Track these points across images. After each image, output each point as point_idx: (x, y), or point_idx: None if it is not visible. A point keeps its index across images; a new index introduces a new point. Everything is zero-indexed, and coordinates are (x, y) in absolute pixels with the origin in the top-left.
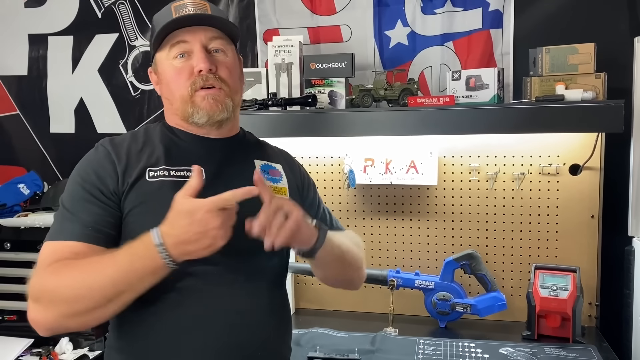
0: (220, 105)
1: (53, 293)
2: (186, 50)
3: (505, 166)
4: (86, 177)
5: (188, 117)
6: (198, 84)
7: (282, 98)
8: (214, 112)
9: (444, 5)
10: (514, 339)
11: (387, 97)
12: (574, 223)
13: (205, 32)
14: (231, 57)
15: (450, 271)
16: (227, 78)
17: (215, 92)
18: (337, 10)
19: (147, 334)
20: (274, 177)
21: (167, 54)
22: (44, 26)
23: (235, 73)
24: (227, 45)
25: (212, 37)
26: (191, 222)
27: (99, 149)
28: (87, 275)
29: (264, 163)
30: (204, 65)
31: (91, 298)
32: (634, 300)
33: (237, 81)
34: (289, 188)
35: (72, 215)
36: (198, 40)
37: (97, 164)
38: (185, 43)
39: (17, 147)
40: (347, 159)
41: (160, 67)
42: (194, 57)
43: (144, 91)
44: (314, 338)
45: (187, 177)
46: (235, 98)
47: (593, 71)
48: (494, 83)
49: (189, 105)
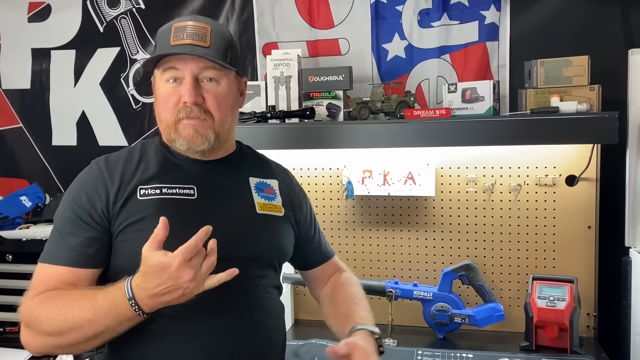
0: (201, 137)
1: (39, 325)
2: (177, 77)
3: (502, 177)
4: (77, 199)
5: (170, 141)
6: (182, 114)
7: (280, 111)
8: (193, 142)
9: (441, 18)
10: (512, 350)
11: (384, 109)
12: (571, 234)
13: (197, 62)
14: (224, 86)
15: (448, 282)
16: (213, 110)
17: (198, 122)
18: (335, 23)
19: (143, 349)
20: (269, 195)
21: (161, 76)
22: (47, 40)
23: (226, 103)
24: (221, 74)
25: (204, 67)
26: (163, 278)
27: (93, 168)
28: (68, 313)
29: (259, 181)
30: (189, 98)
31: (72, 335)
32: (631, 311)
33: (227, 111)
34: (284, 203)
35: (61, 237)
36: (189, 70)
37: (89, 185)
38: (176, 70)
39: (20, 159)
40: (345, 171)
41: (156, 84)
42: (183, 86)
43: (145, 104)
44: (312, 349)
45: (180, 194)
46: (221, 130)
47: (587, 83)
48: (490, 95)
49: (172, 131)
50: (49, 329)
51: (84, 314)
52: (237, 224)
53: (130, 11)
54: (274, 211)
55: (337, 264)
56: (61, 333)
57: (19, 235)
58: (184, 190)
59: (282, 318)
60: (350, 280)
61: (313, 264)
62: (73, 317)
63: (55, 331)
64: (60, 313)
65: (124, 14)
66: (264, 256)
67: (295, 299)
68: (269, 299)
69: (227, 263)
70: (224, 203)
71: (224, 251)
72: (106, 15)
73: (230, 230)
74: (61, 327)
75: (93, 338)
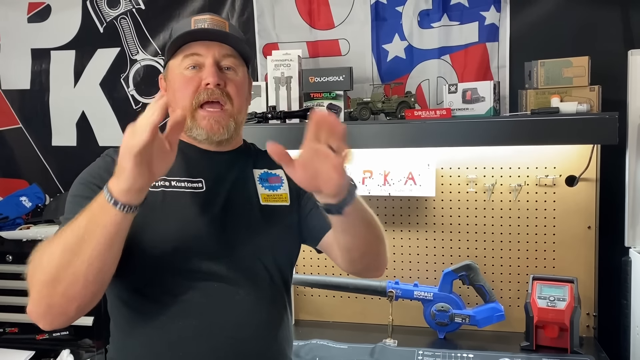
0: (222, 128)
1: (34, 264)
2: (198, 63)
3: (502, 178)
4: (91, 179)
5: (187, 129)
6: (202, 96)
7: (281, 111)
8: (213, 133)
9: (441, 19)
10: (513, 350)
11: (385, 110)
12: (571, 234)
13: (219, 48)
14: (241, 76)
15: (448, 282)
16: (234, 95)
17: (219, 114)
18: (335, 24)
19: (147, 346)
20: (274, 184)
21: (180, 64)
22: (47, 41)
23: (243, 92)
24: (239, 65)
25: (225, 55)
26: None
27: (106, 159)
28: (57, 236)
29: (263, 171)
30: (212, 79)
31: (59, 253)
32: (631, 311)
33: (244, 100)
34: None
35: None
36: (211, 54)
37: (103, 170)
38: (198, 56)
39: (20, 160)
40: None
41: (171, 74)
42: (205, 70)
43: (145, 105)
44: (313, 349)
45: (187, 187)
46: (239, 117)
47: (587, 84)
48: (490, 96)
49: (189, 118)
50: (42, 260)
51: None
52: (243, 217)
53: (130, 11)
54: (280, 201)
55: None
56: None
57: (19, 235)
58: (193, 184)
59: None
60: None
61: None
62: (61, 236)
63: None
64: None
65: (124, 15)
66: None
67: (295, 299)
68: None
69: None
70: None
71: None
72: (106, 15)
73: (237, 223)
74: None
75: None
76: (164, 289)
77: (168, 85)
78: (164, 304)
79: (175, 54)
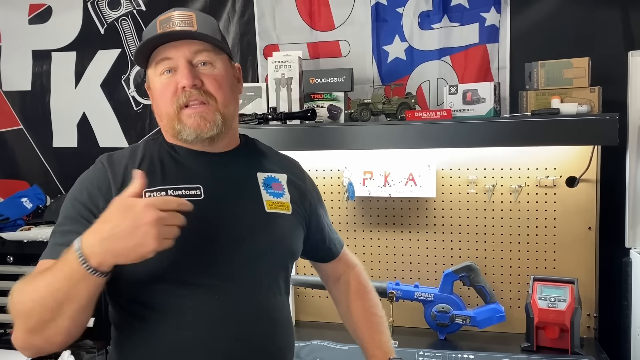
0: (209, 123)
1: (14, 309)
2: (171, 67)
3: (503, 179)
4: (78, 196)
5: (176, 134)
6: (182, 100)
7: (282, 112)
8: (201, 130)
9: (441, 20)
10: (513, 351)
11: (385, 111)
12: (571, 235)
13: (189, 46)
14: (220, 68)
15: (449, 283)
16: (214, 92)
17: (203, 109)
18: (336, 25)
19: (147, 353)
20: (277, 192)
21: (154, 71)
22: (48, 42)
23: (226, 84)
24: (215, 57)
25: (197, 51)
26: (125, 215)
27: (97, 166)
28: (34, 287)
29: (267, 176)
30: (186, 82)
31: (37, 310)
32: (632, 311)
33: (229, 92)
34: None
35: (61, 235)
36: (182, 55)
37: (93, 182)
38: (169, 60)
39: (21, 161)
40: (346, 172)
41: (151, 83)
42: (178, 72)
43: (145, 106)
44: (314, 351)
45: (185, 195)
46: (226, 111)
47: (588, 85)
48: (490, 97)
49: (175, 122)
50: (21, 307)
51: (44, 280)
52: (246, 224)
53: (131, 13)
54: (282, 209)
55: (347, 259)
56: (29, 311)
57: (20, 236)
58: (190, 192)
59: (291, 325)
60: (364, 287)
61: (323, 259)
62: (37, 287)
63: (25, 310)
64: (29, 289)
65: (125, 16)
66: (273, 257)
67: (296, 300)
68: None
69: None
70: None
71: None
72: (107, 17)
73: (239, 231)
74: (28, 302)
75: (55, 310)
76: (164, 300)
77: (151, 94)
78: (165, 314)
79: (149, 62)
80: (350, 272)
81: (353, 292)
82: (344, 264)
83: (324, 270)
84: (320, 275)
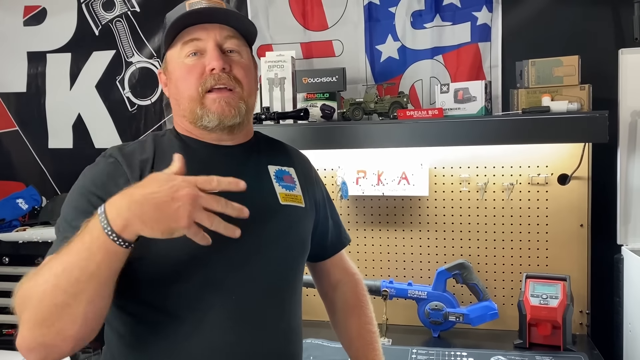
0: (233, 109)
1: (21, 302)
2: (199, 49)
3: (495, 177)
4: (91, 187)
5: (197, 119)
6: (209, 83)
7: (275, 112)
8: (225, 116)
9: (434, 19)
10: (506, 348)
11: (378, 110)
12: (563, 232)
13: (220, 30)
14: (246, 58)
15: (442, 281)
16: (242, 78)
17: (229, 95)
18: (329, 25)
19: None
20: (289, 184)
21: (179, 52)
22: (43, 44)
23: (251, 75)
24: (242, 47)
25: (227, 36)
26: (163, 184)
27: (109, 160)
28: (45, 270)
29: (278, 169)
30: (216, 64)
31: (49, 293)
32: (624, 308)
33: (253, 83)
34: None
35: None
36: (212, 37)
37: (108, 175)
38: (198, 41)
39: (16, 162)
40: (339, 171)
41: (171, 65)
42: (207, 55)
43: (140, 107)
44: (308, 349)
45: None
46: (249, 101)
47: (578, 83)
48: (482, 95)
49: (198, 106)
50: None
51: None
52: (261, 218)
53: (125, 14)
54: (296, 202)
55: (346, 265)
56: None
57: (15, 237)
58: None
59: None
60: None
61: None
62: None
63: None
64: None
65: (119, 17)
66: (290, 252)
67: None
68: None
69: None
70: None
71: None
72: (101, 18)
73: (255, 225)
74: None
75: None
76: (177, 302)
77: (169, 77)
78: (178, 319)
79: (173, 43)
80: (349, 284)
81: (351, 307)
82: (341, 270)
83: (318, 272)
84: (313, 276)
